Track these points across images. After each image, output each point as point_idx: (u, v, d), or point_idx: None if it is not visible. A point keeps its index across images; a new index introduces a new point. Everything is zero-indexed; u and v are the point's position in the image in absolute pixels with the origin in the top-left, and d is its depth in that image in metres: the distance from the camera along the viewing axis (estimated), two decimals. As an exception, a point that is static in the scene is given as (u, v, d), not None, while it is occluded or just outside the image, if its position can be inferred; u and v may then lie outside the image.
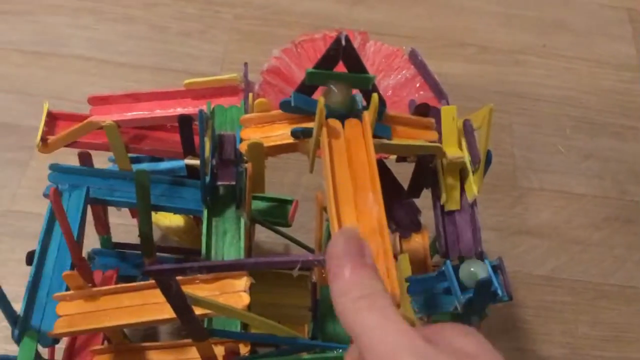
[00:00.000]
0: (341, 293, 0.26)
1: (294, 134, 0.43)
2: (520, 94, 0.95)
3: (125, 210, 0.64)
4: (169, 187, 0.55)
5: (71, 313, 0.44)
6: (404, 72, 0.58)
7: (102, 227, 0.63)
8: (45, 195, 0.51)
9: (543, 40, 1.02)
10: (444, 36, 1.00)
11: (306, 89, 0.45)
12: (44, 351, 0.51)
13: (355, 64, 0.41)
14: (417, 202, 0.56)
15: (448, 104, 0.53)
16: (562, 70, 0.99)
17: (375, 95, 0.40)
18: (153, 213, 0.64)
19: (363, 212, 0.36)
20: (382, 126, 0.45)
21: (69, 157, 0.56)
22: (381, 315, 0.25)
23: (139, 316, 0.43)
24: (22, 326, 0.44)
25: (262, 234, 0.75)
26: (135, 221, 0.55)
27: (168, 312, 0.41)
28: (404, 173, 0.54)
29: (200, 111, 0.46)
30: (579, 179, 0.89)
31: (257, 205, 0.65)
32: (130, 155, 0.56)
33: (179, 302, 0.39)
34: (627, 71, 1.00)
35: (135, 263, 0.65)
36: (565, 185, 0.88)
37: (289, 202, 0.66)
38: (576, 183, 0.88)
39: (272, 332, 0.45)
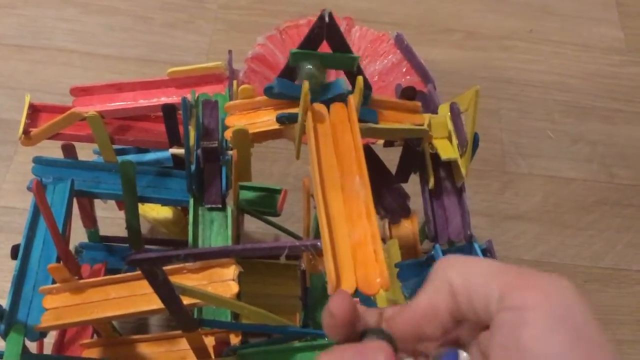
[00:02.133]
0: None
1: (279, 119, 0.42)
2: (507, 80, 0.95)
3: (112, 204, 0.63)
4: (155, 178, 0.54)
5: (58, 306, 0.44)
6: (390, 57, 0.57)
7: (89, 220, 0.62)
8: (29, 189, 0.50)
9: (530, 25, 1.01)
10: (430, 22, 0.99)
11: (290, 71, 0.44)
12: (33, 346, 0.51)
13: (340, 43, 0.41)
14: (406, 189, 0.55)
15: (435, 88, 0.53)
16: (549, 54, 0.99)
17: (360, 78, 0.40)
18: (140, 205, 0.63)
19: (350, 195, 0.36)
20: (368, 110, 0.44)
21: (55, 151, 0.55)
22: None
23: (126, 308, 0.43)
24: (8, 320, 0.43)
25: (252, 225, 0.74)
26: (122, 214, 0.55)
27: (156, 303, 0.41)
28: (392, 160, 0.54)
29: (184, 99, 0.45)
30: (568, 163, 0.89)
31: (246, 195, 0.65)
32: (115, 147, 0.55)
33: (167, 292, 0.38)
34: (615, 54, 1.00)
35: (123, 256, 0.65)
36: (554, 170, 0.88)
37: (278, 191, 0.65)
38: (565, 167, 0.88)
39: (262, 321, 0.45)
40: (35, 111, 0.53)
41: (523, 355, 0.22)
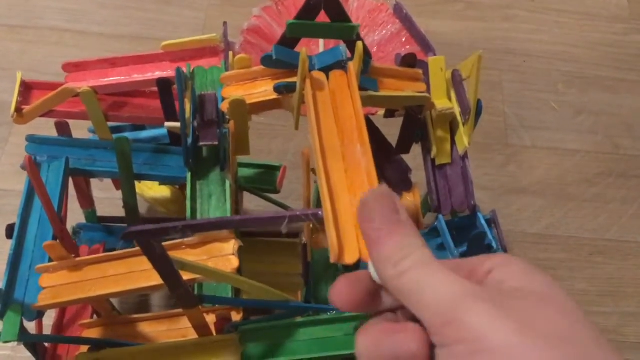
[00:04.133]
0: (382, 260, 0.25)
1: (277, 89, 0.41)
2: (509, 51, 0.93)
3: (110, 183, 0.62)
4: (152, 155, 0.53)
5: (55, 285, 0.43)
6: (389, 26, 0.56)
7: (86, 200, 0.61)
8: (23, 167, 0.49)
9: (531, -5, 1.00)
10: (431, -7, 0.98)
11: (287, 43, 0.43)
12: (32, 327, 0.50)
13: (338, 12, 0.39)
14: (408, 162, 0.54)
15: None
16: (552, 24, 0.97)
17: (359, 44, 0.39)
18: (138, 185, 0.62)
19: (351, 165, 0.35)
20: (368, 79, 0.43)
21: (51, 131, 0.54)
22: (428, 272, 0.24)
23: (125, 285, 0.42)
24: (4, 300, 0.43)
25: (252, 203, 0.73)
26: (120, 194, 0.54)
27: (155, 279, 0.40)
28: (393, 135, 0.53)
29: (178, 69, 0.44)
30: (571, 134, 0.87)
31: (245, 172, 0.64)
32: (111, 124, 0.54)
33: (165, 267, 0.37)
34: (619, 23, 0.98)
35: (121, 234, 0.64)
36: (558, 142, 0.87)
37: (277, 168, 0.64)
38: (569, 139, 0.87)
39: (264, 297, 0.44)
40: (27, 89, 0.52)
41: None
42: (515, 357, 0.21)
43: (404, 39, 0.56)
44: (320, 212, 0.31)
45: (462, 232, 0.47)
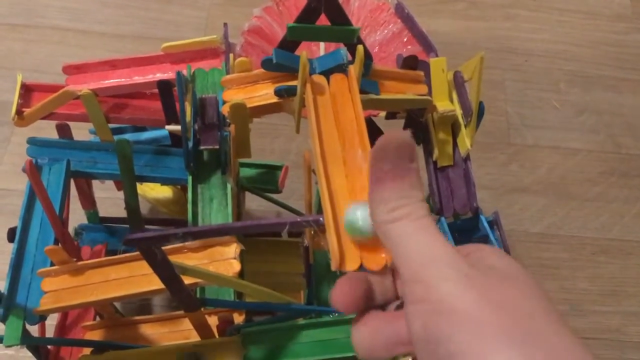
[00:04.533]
0: (379, 201, 0.25)
1: (277, 92, 0.41)
2: (511, 50, 0.93)
3: (111, 183, 0.62)
4: (153, 157, 0.53)
5: (57, 289, 0.43)
6: (390, 26, 0.56)
7: (88, 201, 0.61)
8: (24, 170, 0.49)
9: (534, -7, 0.99)
10: (432, -8, 0.97)
11: (288, 46, 0.43)
12: (35, 329, 0.50)
13: (338, 15, 0.39)
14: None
15: (437, 57, 0.51)
16: (554, 23, 0.96)
17: (360, 47, 0.38)
18: (140, 185, 0.62)
19: (352, 169, 0.35)
20: (369, 82, 0.43)
21: (53, 132, 0.54)
22: (418, 225, 0.25)
23: (126, 289, 0.42)
24: (6, 304, 0.43)
25: (253, 203, 0.73)
26: (122, 194, 0.54)
27: (156, 283, 0.40)
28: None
29: (178, 73, 0.44)
30: (573, 133, 0.87)
31: (246, 172, 0.64)
32: (112, 126, 0.54)
33: (166, 272, 0.37)
34: (621, 22, 0.97)
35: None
36: (560, 141, 0.86)
37: (279, 167, 0.64)
38: (571, 138, 0.87)
39: (266, 299, 0.44)
40: (28, 91, 0.52)
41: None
42: (471, 322, 0.22)
43: (405, 39, 0.55)
44: (321, 219, 0.31)
45: (465, 234, 0.47)
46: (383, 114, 0.51)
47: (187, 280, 0.40)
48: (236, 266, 0.41)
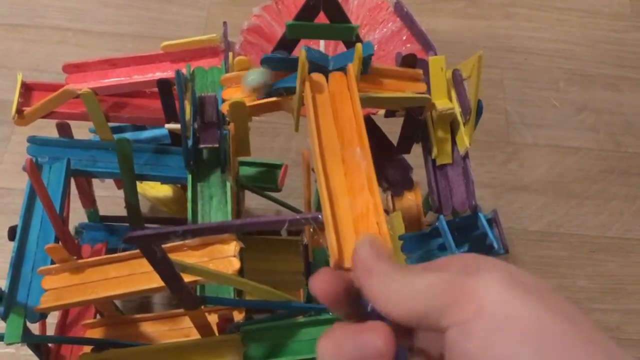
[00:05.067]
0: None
1: (276, 90, 0.41)
2: (511, 48, 0.93)
3: (111, 182, 0.63)
4: (152, 156, 0.53)
5: (57, 287, 0.43)
6: (389, 25, 0.56)
7: (88, 200, 0.62)
8: (24, 169, 0.49)
9: (533, -8, 0.99)
10: (431, -9, 0.97)
11: (287, 44, 0.43)
12: (35, 327, 0.50)
13: (337, 13, 0.39)
14: (409, 160, 0.54)
15: (436, 55, 0.52)
16: (553, 22, 0.96)
17: (359, 45, 0.39)
18: (140, 184, 0.62)
19: (351, 167, 0.35)
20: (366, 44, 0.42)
21: (54, 131, 0.54)
22: (403, 275, 0.25)
23: (126, 287, 0.42)
24: (7, 302, 0.43)
25: (253, 202, 0.74)
26: (122, 192, 0.54)
27: (156, 281, 0.40)
28: (394, 132, 0.53)
29: (178, 72, 0.44)
30: (573, 132, 0.87)
31: (246, 170, 0.64)
32: (112, 125, 0.54)
33: (166, 270, 0.37)
34: (620, 20, 0.97)
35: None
36: (560, 139, 0.86)
37: (278, 166, 0.64)
38: (570, 136, 0.87)
39: (265, 297, 0.44)
40: (28, 90, 0.52)
41: None
42: (541, 329, 0.21)
43: (404, 37, 0.56)
44: (320, 216, 0.31)
45: (464, 232, 0.47)
46: (382, 112, 0.51)
47: (187, 278, 0.40)
48: (236, 264, 0.41)
